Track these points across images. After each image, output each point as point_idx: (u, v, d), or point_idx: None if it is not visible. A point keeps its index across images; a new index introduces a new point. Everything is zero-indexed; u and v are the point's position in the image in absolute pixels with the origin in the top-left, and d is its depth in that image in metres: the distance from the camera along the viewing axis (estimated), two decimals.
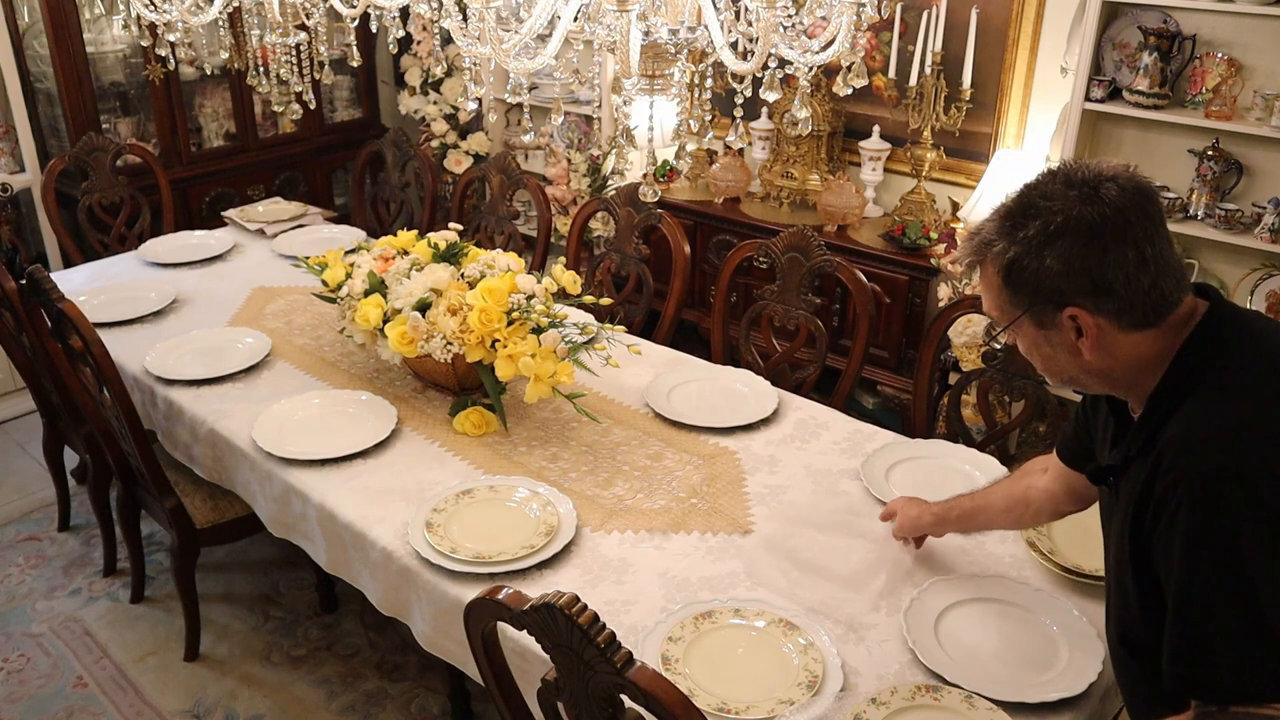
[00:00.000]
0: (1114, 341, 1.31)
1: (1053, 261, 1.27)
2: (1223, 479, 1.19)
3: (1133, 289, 1.26)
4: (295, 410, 2.47)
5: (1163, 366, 1.31)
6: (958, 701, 1.58)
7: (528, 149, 4.69)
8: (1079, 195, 1.26)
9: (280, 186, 4.73)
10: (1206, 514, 1.20)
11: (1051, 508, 1.76)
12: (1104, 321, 1.29)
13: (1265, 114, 2.91)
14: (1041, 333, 1.35)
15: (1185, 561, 1.22)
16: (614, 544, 2.01)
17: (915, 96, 3.53)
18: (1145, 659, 1.35)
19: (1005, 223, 1.32)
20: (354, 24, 2.35)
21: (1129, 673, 1.44)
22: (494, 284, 2.38)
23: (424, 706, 2.70)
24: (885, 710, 1.57)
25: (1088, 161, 1.31)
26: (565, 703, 1.39)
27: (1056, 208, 1.27)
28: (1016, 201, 1.33)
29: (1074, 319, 1.30)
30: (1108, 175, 1.28)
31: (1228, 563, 1.19)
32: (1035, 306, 1.32)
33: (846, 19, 1.59)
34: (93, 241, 3.80)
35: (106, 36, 4.20)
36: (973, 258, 1.38)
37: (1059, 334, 1.33)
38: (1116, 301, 1.27)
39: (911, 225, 3.54)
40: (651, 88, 1.70)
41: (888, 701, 1.59)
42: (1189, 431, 1.25)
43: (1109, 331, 1.30)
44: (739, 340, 2.95)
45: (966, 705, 1.57)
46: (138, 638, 2.95)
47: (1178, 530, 1.22)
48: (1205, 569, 1.20)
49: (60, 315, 2.44)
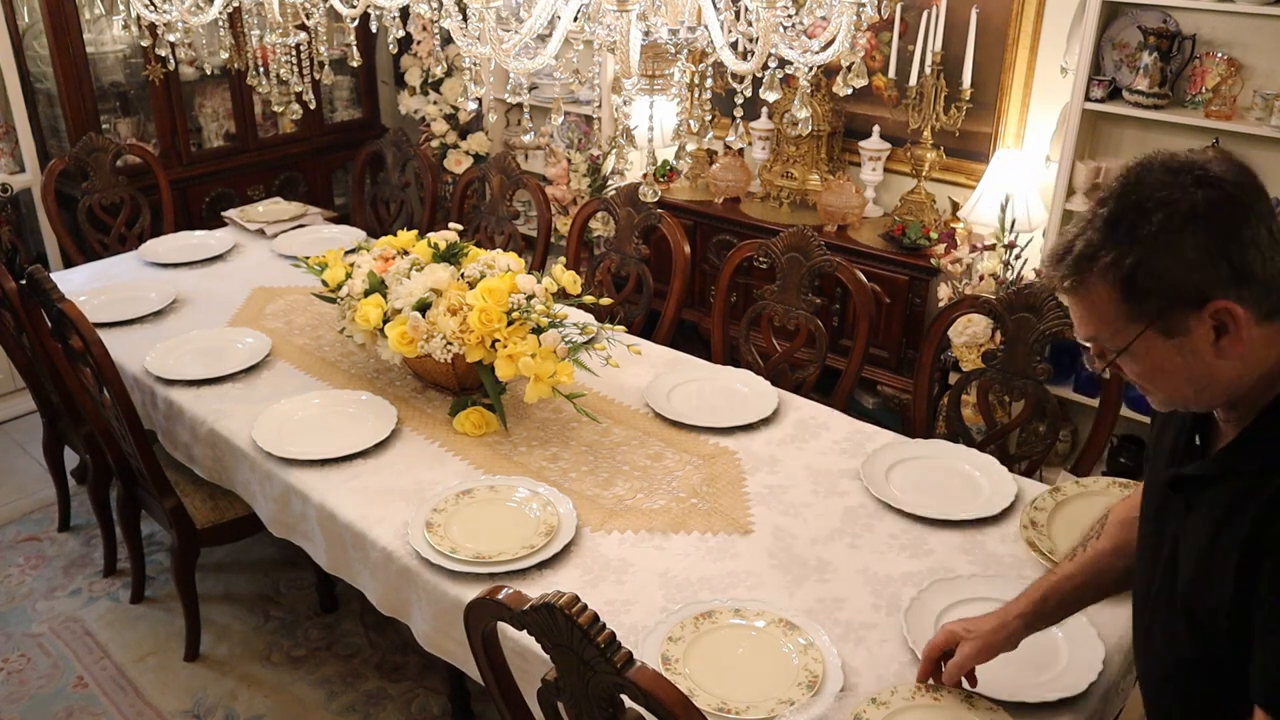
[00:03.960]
0: (1251, 338, 1.17)
1: (1190, 252, 1.14)
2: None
3: (1270, 269, 1.15)
4: (295, 410, 2.47)
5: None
6: (957, 702, 1.58)
7: (528, 149, 4.69)
8: (1191, 179, 1.15)
9: (280, 186, 4.73)
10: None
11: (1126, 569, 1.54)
12: (1246, 313, 1.15)
13: (1265, 114, 2.91)
14: (1170, 343, 1.19)
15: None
16: (614, 544, 2.01)
17: (915, 96, 3.53)
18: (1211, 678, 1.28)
19: (1114, 228, 1.17)
20: (354, 24, 2.35)
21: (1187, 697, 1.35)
22: (494, 284, 2.38)
23: (424, 706, 2.70)
24: (885, 710, 1.57)
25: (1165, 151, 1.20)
26: (565, 703, 1.39)
27: (1175, 196, 1.14)
28: (1118, 204, 1.18)
29: (1218, 314, 1.15)
30: (1204, 158, 1.18)
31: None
32: (1166, 312, 1.16)
33: (846, 19, 1.59)
34: (93, 242, 3.81)
35: (106, 36, 4.20)
36: (1074, 276, 1.20)
37: (1190, 340, 1.17)
38: (1257, 287, 1.15)
39: (911, 225, 3.54)
40: (651, 88, 1.70)
41: (888, 701, 1.59)
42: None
43: (1247, 325, 1.16)
44: (739, 340, 2.95)
45: (966, 705, 1.57)
46: (138, 638, 2.95)
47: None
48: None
49: (60, 315, 2.44)
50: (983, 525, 2.04)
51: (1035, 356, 2.41)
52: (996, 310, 2.45)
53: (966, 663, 1.55)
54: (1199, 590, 1.25)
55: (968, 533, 2.02)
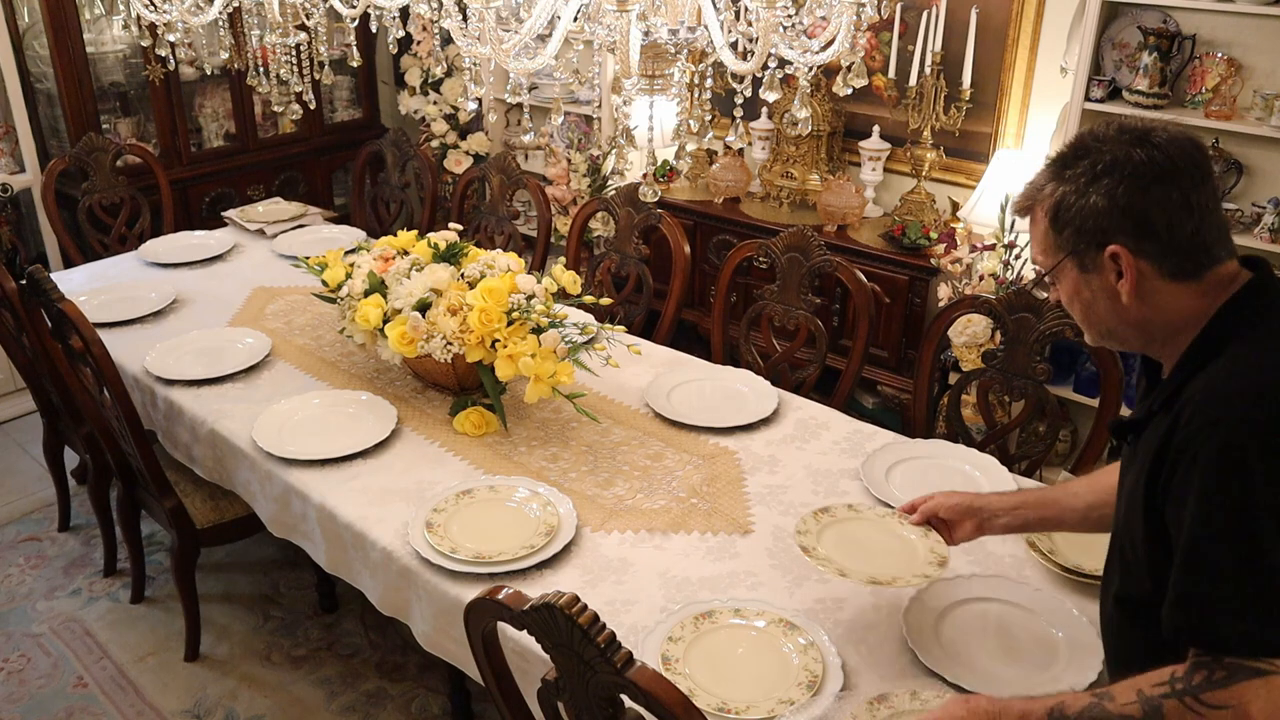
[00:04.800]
0: (1154, 290, 1.32)
1: (1098, 199, 1.31)
2: (1242, 432, 1.20)
3: (1175, 233, 1.29)
4: (295, 410, 2.47)
5: (1199, 325, 1.33)
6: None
7: (528, 149, 4.69)
8: (1130, 139, 1.31)
9: (280, 186, 4.73)
10: (1223, 465, 1.21)
11: None
12: (1145, 265, 1.31)
13: (1265, 114, 2.91)
14: (1083, 276, 1.37)
15: (1198, 510, 1.23)
16: (614, 544, 2.02)
17: (915, 96, 3.53)
18: (1141, 618, 1.36)
19: (1056, 166, 1.37)
20: (354, 24, 2.35)
21: (1121, 635, 1.46)
22: (494, 284, 2.38)
23: (424, 706, 2.70)
24: (886, 710, 1.57)
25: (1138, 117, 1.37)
26: (565, 703, 1.39)
27: (1106, 149, 1.32)
28: (1070, 147, 1.37)
29: (1115, 258, 1.32)
30: (1158, 126, 1.33)
31: (1240, 514, 1.20)
32: (1079, 247, 1.34)
33: (846, 19, 1.59)
34: (93, 242, 3.81)
35: (106, 36, 4.20)
36: (1025, 202, 1.42)
37: (1099, 277, 1.35)
38: (1158, 244, 1.30)
39: (911, 225, 3.54)
40: (651, 88, 1.70)
41: (888, 701, 1.59)
42: (1213, 386, 1.26)
43: (1149, 277, 1.32)
44: (739, 340, 2.95)
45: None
46: (138, 638, 2.95)
47: (1194, 480, 1.23)
48: (1217, 519, 1.21)
49: (60, 315, 2.44)
50: None
51: (1035, 356, 2.41)
52: (996, 310, 2.45)
53: (933, 507, 1.77)
54: (1127, 528, 1.40)
55: None
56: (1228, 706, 1.18)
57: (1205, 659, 1.22)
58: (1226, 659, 1.20)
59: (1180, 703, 1.21)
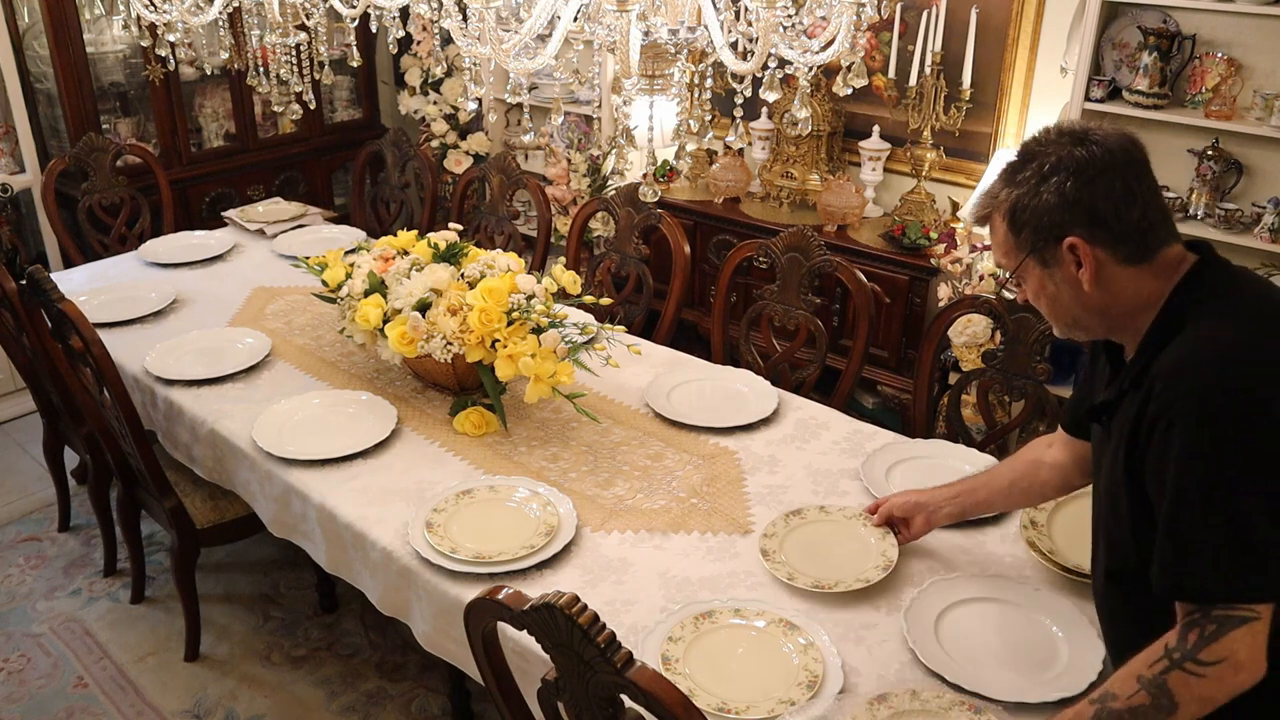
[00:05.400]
0: (1112, 276, 1.42)
1: (1049, 196, 1.40)
2: (1212, 394, 1.29)
3: (1123, 219, 1.39)
4: (295, 410, 2.47)
5: (1157, 306, 1.41)
6: (957, 702, 1.58)
7: (528, 149, 4.69)
8: (1071, 139, 1.41)
9: (280, 186, 4.73)
10: (1198, 427, 1.29)
11: (1060, 480, 1.81)
12: (1101, 253, 1.40)
13: (1265, 114, 2.91)
14: (1046, 271, 1.45)
15: (1177, 473, 1.30)
16: (614, 544, 2.02)
17: (915, 96, 3.53)
18: (1132, 589, 1.44)
19: (1006, 173, 1.47)
20: (354, 24, 2.35)
21: (1114, 610, 1.53)
22: (494, 284, 2.38)
23: (424, 706, 2.70)
24: (886, 710, 1.57)
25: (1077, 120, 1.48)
26: (565, 703, 1.39)
27: (1050, 151, 1.42)
28: (1017, 155, 1.47)
29: (1073, 249, 1.40)
30: (1095, 126, 1.44)
31: (1215, 471, 1.28)
32: (1038, 244, 1.43)
33: (846, 19, 1.59)
34: (93, 242, 3.81)
35: (106, 37, 4.20)
36: (982, 211, 1.51)
37: (1061, 270, 1.43)
38: (1109, 231, 1.39)
39: (911, 225, 3.54)
40: (651, 88, 1.70)
41: (888, 701, 1.58)
42: (1180, 357, 1.34)
43: (1107, 264, 1.41)
44: (739, 340, 2.95)
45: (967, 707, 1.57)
46: (138, 638, 2.95)
47: (1172, 446, 1.31)
48: (1195, 478, 1.29)
49: (60, 315, 2.45)
50: (983, 525, 2.04)
51: (1035, 356, 2.41)
52: (996, 310, 2.45)
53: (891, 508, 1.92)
54: (1110, 503, 1.47)
55: (968, 533, 2.02)
56: (1222, 660, 1.26)
57: (1195, 615, 1.30)
58: (1214, 610, 1.28)
59: (1181, 671, 1.28)
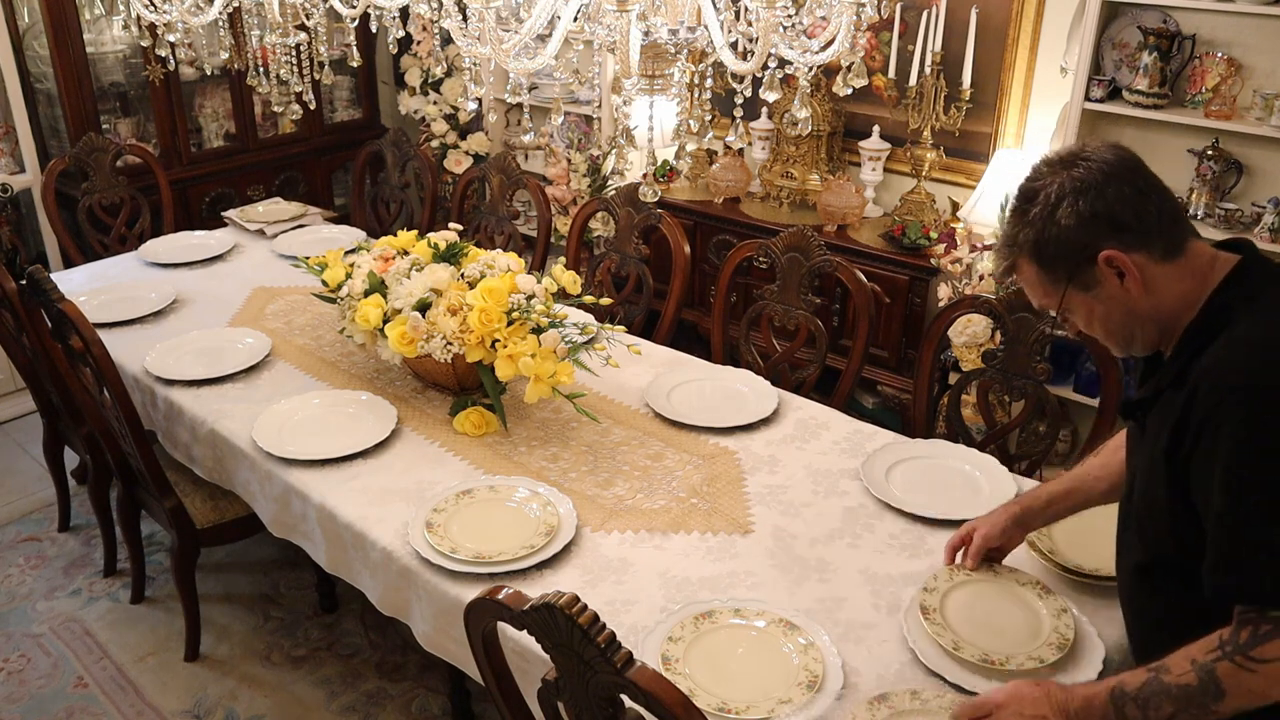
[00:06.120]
0: (1154, 276, 1.40)
1: (1067, 221, 1.39)
2: (1261, 397, 1.27)
3: (1144, 218, 1.38)
4: (295, 410, 2.47)
5: (1195, 307, 1.40)
6: (957, 702, 1.58)
7: (528, 149, 4.69)
8: (1064, 163, 1.42)
9: (280, 187, 4.73)
10: (1249, 427, 1.27)
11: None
12: (1139, 256, 1.38)
13: (1265, 114, 2.91)
14: (1089, 296, 1.43)
15: (1229, 475, 1.28)
16: (614, 544, 2.01)
17: (915, 96, 3.53)
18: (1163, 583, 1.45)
19: (1014, 217, 1.45)
20: (354, 24, 2.35)
21: (1141, 602, 1.52)
22: (494, 284, 2.38)
23: (424, 706, 2.70)
24: (886, 710, 1.57)
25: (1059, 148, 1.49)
26: (565, 703, 1.39)
27: (1048, 182, 1.41)
28: (1018, 196, 1.46)
29: (1110, 261, 1.38)
30: (1079, 147, 1.44)
31: (1269, 474, 1.26)
32: (1074, 271, 1.41)
33: (846, 19, 1.59)
34: (93, 242, 3.81)
35: (106, 37, 4.20)
36: (1007, 261, 1.48)
37: (1103, 289, 1.41)
38: (1136, 233, 1.38)
39: (911, 225, 3.54)
40: (651, 88, 1.70)
41: (888, 701, 1.58)
42: (1226, 358, 1.32)
43: (1147, 266, 1.39)
44: (739, 340, 2.95)
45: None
46: (138, 638, 2.95)
47: (1221, 446, 1.29)
48: (1248, 481, 1.27)
49: (60, 315, 2.44)
50: None
51: (1035, 356, 2.41)
52: (996, 310, 2.45)
53: (983, 543, 1.83)
54: (1145, 500, 1.46)
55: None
56: (1274, 660, 1.25)
57: (1250, 615, 1.28)
58: (1271, 612, 1.26)
59: (1232, 663, 1.28)
